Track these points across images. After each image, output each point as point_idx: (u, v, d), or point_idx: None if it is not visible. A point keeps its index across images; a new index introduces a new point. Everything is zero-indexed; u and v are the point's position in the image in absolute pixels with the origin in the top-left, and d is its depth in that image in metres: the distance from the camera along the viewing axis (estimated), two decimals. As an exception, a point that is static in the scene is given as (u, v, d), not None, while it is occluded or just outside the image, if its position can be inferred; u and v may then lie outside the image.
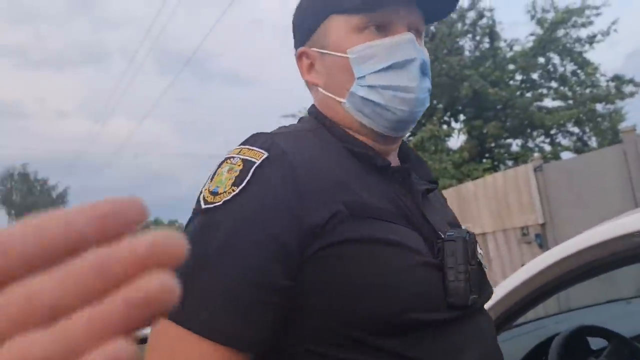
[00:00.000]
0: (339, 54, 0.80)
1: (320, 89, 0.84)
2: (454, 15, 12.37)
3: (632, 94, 11.12)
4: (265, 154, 0.68)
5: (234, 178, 0.67)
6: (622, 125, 10.85)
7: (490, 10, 12.30)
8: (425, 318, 0.68)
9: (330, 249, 0.66)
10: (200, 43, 26.08)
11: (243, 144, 0.72)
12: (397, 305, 0.67)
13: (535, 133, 11.85)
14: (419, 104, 0.78)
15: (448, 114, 12.22)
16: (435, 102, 11.75)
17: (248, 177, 0.66)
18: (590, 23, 11.36)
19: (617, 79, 11.35)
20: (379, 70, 0.77)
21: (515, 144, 12.08)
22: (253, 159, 0.68)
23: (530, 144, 12.01)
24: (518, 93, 11.62)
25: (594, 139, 11.58)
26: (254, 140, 0.72)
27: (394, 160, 0.85)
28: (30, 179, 38.32)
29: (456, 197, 7.38)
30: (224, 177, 0.68)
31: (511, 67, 11.73)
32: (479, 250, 0.78)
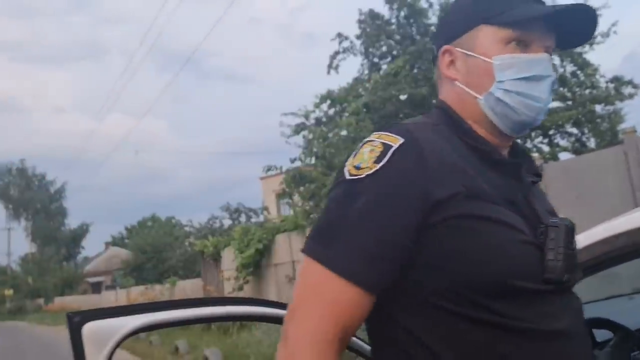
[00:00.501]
0: (484, 59, 0.95)
1: (458, 84, 0.99)
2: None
3: (631, 96, 11.22)
4: (402, 140, 0.86)
5: (374, 157, 0.85)
6: (621, 127, 10.97)
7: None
8: (523, 286, 0.84)
9: (449, 221, 0.83)
10: (201, 42, 26.09)
11: (382, 131, 0.90)
12: (499, 272, 0.83)
13: (533, 133, 11.94)
14: (542, 113, 0.95)
15: (435, 105, 12.28)
16: (434, 101, 11.82)
17: (387, 157, 0.85)
18: (590, 24, 11.45)
19: (617, 80, 11.45)
20: (518, 79, 0.93)
21: (514, 144, 12.17)
22: (391, 143, 0.86)
23: (529, 144, 12.10)
24: (517, 93, 11.70)
25: (592, 140, 11.68)
26: (392, 128, 0.90)
27: (507, 155, 1.00)
28: (28, 174, 38.32)
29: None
30: (365, 156, 0.86)
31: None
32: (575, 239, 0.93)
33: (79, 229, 38.73)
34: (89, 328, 0.99)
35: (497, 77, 0.93)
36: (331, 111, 13.74)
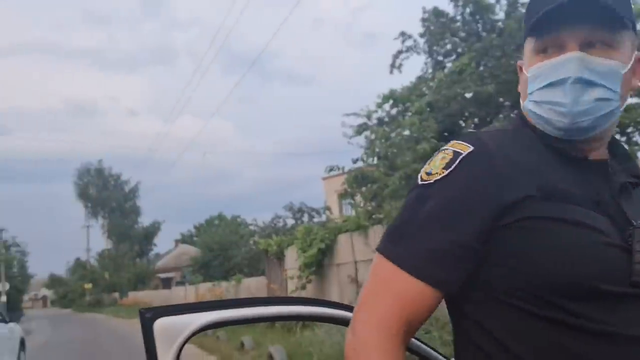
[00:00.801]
0: (524, 72, 0.99)
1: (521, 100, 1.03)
2: (523, 10, 12.01)
3: None
4: (471, 148, 0.90)
5: (444, 164, 0.90)
6: None
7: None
8: (602, 288, 0.83)
9: (522, 222, 0.85)
10: (267, 44, 26.56)
11: (456, 139, 0.95)
12: (574, 273, 0.83)
13: (609, 131, 11.33)
14: (576, 115, 0.91)
15: (515, 111, 11.88)
16: (501, 99, 11.46)
17: (455, 164, 0.89)
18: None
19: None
20: (540, 88, 0.94)
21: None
22: (461, 151, 0.91)
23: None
24: (591, 89, 11.13)
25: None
26: (464, 137, 0.94)
27: (599, 155, 0.97)
28: (105, 174, 40.47)
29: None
30: (437, 163, 0.92)
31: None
32: None
33: (151, 227, 40.54)
34: (160, 324, 1.05)
35: (528, 89, 0.97)
36: (394, 111, 13.62)
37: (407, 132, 11.16)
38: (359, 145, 13.98)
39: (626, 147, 1.08)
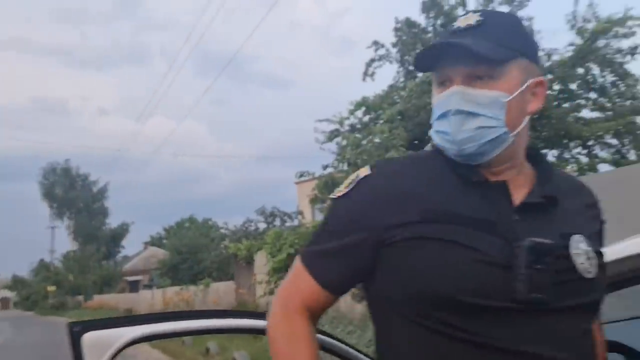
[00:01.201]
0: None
1: None
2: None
3: (674, 108, 10.83)
4: (369, 172, 1.04)
5: (348, 183, 1.06)
6: (664, 139, 10.57)
7: (529, 19, 12.17)
8: (483, 304, 0.89)
9: (401, 242, 0.96)
10: (241, 45, 26.56)
11: (369, 165, 1.08)
12: (446, 288, 0.90)
13: (572, 144, 11.65)
14: (460, 142, 0.99)
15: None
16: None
17: (353, 185, 1.05)
18: (632, 34, 11.12)
19: (660, 91, 11.08)
20: (436, 119, 1.04)
21: (552, 155, 11.90)
22: (360, 174, 1.05)
23: (567, 155, 11.81)
24: (555, 103, 11.45)
25: (632, 151, 11.31)
26: (373, 163, 1.09)
27: (507, 176, 1.03)
28: (72, 174, 39.62)
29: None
30: (346, 182, 1.07)
31: (549, 76, 11.57)
32: (581, 261, 0.95)
33: (119, 229, 39.80)
34: (89, 337, 1.05)
35: (432, 119, 1.06)
36: (366, 118, 13.75)
37: (377, 140, 11.27)
38: (331, 151, 14.08)
39: (551, 164, 1.12)
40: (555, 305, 0.91)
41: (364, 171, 1.05)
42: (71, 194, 38.25)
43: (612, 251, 1.45)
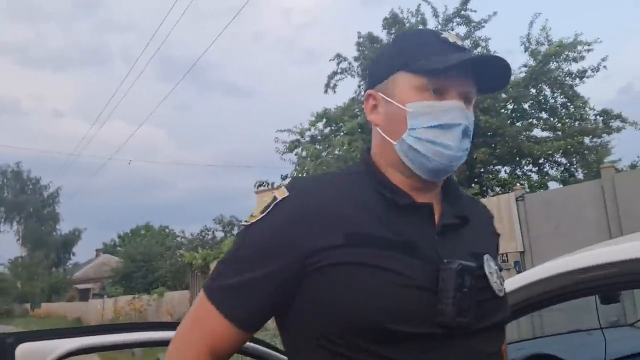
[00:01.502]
0: (399, 105, 0.96)
1: (379, 129, 1.01)
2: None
3: (619, 129, 11.39)
4: (287, 194, 0.93)
5: (263, 207, 0.94)
6: (608, 159, 11.10)
7: (486, 40, 12.59)
8: (408, 330, 0.84)
9: (324, 268, 0.87)
10: (203, 53, 26.31)
11: (285, 185, 0.96)
12: (374, 316, 0.84)
13: (523, 161, 12.06)
14: (454, 159, 0.95)
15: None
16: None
17: (269, 209, 0.93)
18: (582, 58, 11.66)
19: (605, 113, 11.63)
20: (429, 127, 0.94)
21: (504, 171, 12.29)
22: (278, 196, 0.94)
23: (519, 172, 12.21)
24: (509, 122, 11.85)
25: (580, 170, 11.80)
26: (290, 183, 0.97)
27: (428, 198, 0.99)
28: (23, 177, 38.17)
29: (441, 221, 7.53)
30: (262, 205, 0.95)
31: (503, 96, 11.98)
32: (494, 280, 0.95)
33: (70, 235, 38.48)
34: (22, 350, 1.02)
35: (410, 124, 0.94)
36: (327, 130, 13.87)
37: (337, 152, 11.38)
38: (291, 161, 14.11)
39: (456, 182, 1.10)
40: (475, 327, 0.89)
41: (281, 193, 0.93)
42: (21, 198, 36.82)
43: (545, 269, 1.51)
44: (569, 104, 11.94)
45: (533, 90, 12.03)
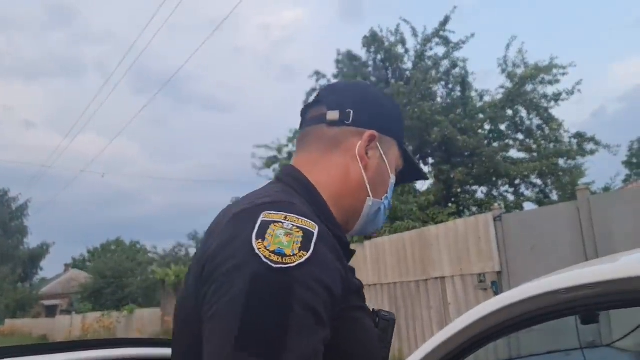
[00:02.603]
0: (389, 170, 0.96)
1: (364, 173, 0.92)
2: (429, 63, 12.80)
3: (592, 152, 11.60)
4: (317, 227, 0.75)
5: (298, 243, 0.71)
6: (582, 181, 11.27)
7: (464, 61, 12.76)
8: None
9: (346, 310, 0.76)
10: (180, 67, 26.07)
11: (280, 209, 0.75)
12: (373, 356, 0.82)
13: (500, 182, 12.17)
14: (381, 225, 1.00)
15: (417, 156, 12.48)
16: (406, 143, 11.97)
17: (313, 245, 0.72)
18: (557, 81, 11.90)
19: (580, 136, 11.85)
20: (389, 192, 0.97)
21: (481, 191, 12.38)
22: (310, 229, 0.74)
23: (495, 192, 12.31)
24: (486, 142, 11.98)
25: (555, 192, 11.96)
26: (292, 208, 0.76)
27: None
28: (-10, 189, 37.17)
29: (418, 240, 7.48)
30: (284, 240, 0.71)
31: (480, 116, 12.11)
32: None
33: (38, 249, 37.38)
34: None
35: (388, 192, 0.96)
36: (304, 146, 13.80)
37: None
38: (268, 177, 13.98)
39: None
40: None
41: (310, 225, 0.75)
42: (-13, 210, 35.85)
43: (533, 287, 1.46)
44: (544, 125, 12.14)
45: (509, 112, 12.20)
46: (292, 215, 0.74)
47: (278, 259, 0.68)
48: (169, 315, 16.08)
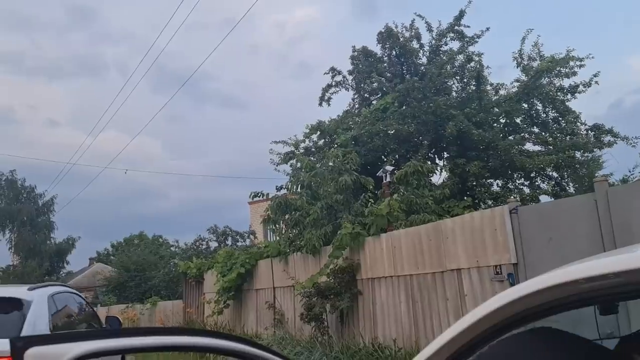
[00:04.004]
0: None
1: None
2: (444, 57, 12.84)
3: (610, 144, 11.55)
4: None
5: None
6: (600, 174, 11.25)
7: (479, 55, 12.78)
8: None
9: None
10: (200, 65, 26.41)
11: None
12: None
13: (515, 175, 12.19)
14: None
15: (433, 150, 12.56)
16: (420, 138, 12.07)
17: None
18: (574, 74, 11.85)
19: (597, 128, 11.80)
20: None
21: (496, 184, 12.40)
22: None
23: (510, 185, 12.33)
24: (501, 136, 11.99)
25: (571, 184, 11.94)
26: None
27: None
28: (17, 185, 37.91)
29: (434, 233, 7.60)
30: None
31: (496, 110, 12.13)
32: None
33: (64, 243, 38.13)
34: (32, 353, 1.03)
35: None
36: (321, 142, 13.98)
37: (331, 164, 11.47)
38: (285, 172, 14.20)
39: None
40: None
41: None
42: (15, 206, 36.58)
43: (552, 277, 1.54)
44: (560, 118, 12.11)
45: (525, 105, 12.19)
46: None
47: None
48: (190, 307, 16.45)
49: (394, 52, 13.61)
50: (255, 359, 1.37)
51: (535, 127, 12.45)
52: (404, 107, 12.32)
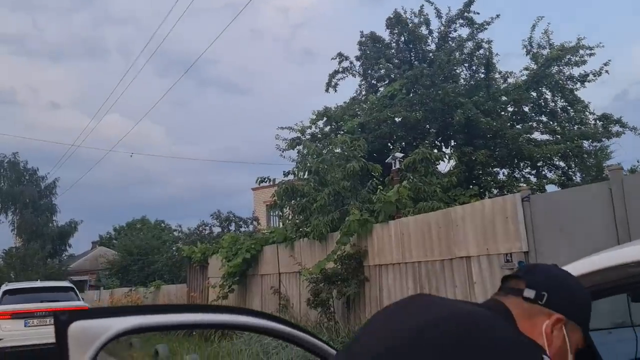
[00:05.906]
0: (569, 352, 1.03)
1: (546, 348, 0.99)
2: (453, 44, 12.72)
3: (618, 134, 11.48)
4: None
5: None
6: (608, 163, 11.20)
7: (488, 42, 12.66)
8: None
9: None
10: (204, 51, 26.27)
11: None
12: None
13: (522, 164, 12.14)
14: None
15: (440, 138, 12.49)
16: (428, 126, 11.99)
17: None
18: (584, 62, 11.75)
19: (605, 118, 11.72)
20: None
21: (502, 173, 12.36)
22: None
23: (517, 174, 12.28)
24: (509, 124, 11.92)
25: (578, 174, 11.89)
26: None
27: None
28: (19, 168, 37.91)
29: (444, 220, 7.58)
30: None
31: (504, 98, 12.04)
32: None
33: (66, 226, 38.24)
34: (75, 327, 1.01)
35: None
36: (327, 128, 13.92)
37: (338, 150, 11.43)
38: (291, 158, 14.15)
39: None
40: None
41: None
42: (17, 188, 36.58)
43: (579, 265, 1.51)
44: (569, 107, 12.03)
45: (534, 94, 12.10)
46: None
47: None
48: (194, 291, 16.52)
49: (402, 38, 13.48)
50: (304, 343, 1.34)
51: (543, 115, 12.37)
52: (411, 94, 12.23)
